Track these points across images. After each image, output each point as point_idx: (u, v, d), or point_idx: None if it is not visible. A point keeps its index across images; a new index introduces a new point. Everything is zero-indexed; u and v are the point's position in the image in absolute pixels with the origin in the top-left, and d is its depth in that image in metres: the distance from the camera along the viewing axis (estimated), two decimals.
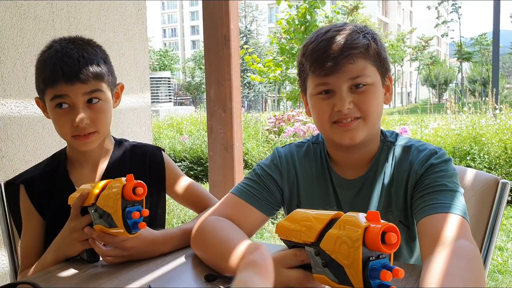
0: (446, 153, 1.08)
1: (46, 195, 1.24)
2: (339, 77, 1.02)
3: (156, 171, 1.34)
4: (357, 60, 1.02)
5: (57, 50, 1.17)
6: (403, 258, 1.13)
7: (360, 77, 1.02)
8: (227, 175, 2.59)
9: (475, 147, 5.28)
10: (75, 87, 1.14)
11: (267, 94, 32.08)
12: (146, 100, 2.85)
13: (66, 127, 1.17)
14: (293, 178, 1.16)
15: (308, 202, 1.16)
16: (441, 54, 66.40)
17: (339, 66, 1.01)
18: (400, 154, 1.10)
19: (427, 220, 0.93)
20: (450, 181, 0.99)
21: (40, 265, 1.11)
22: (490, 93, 7.14)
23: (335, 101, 1.03)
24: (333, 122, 1.05)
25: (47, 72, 1.15)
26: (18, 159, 2.08)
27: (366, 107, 1.04)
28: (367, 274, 0.58)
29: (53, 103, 1.16)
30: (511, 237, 3.84)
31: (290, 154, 1.19)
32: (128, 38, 2.68)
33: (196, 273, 0.98)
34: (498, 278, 2.99)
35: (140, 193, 0.94)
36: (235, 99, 2.57)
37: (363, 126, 1.04)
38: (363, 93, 1.03)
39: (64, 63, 1.14)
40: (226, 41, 2.51)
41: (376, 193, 1.10)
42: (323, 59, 1.02)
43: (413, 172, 1.05)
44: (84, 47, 1.20)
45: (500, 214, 1.20)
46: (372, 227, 0.58)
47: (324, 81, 1.04)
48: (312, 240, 0.67)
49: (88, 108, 1.17)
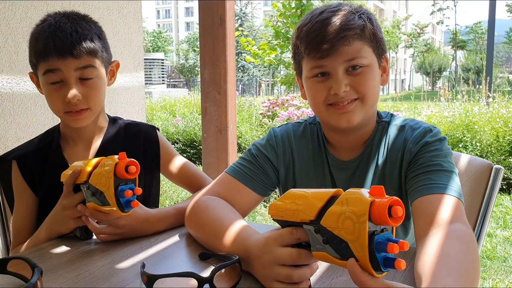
0: (440, 131, 1.07)
1: (39, 172, 1.23)
2: (335, 59, 1.00)
3: (151, 150, 1.33)
4: (353, 41, 1.00)
5: (51, 23, 1.15)
6: (398, 236, 1.14)
7: (356, 58, 1.01)
8: (220, 157, 2.58)
9: (468, 135, 5.32)
10: (67, 62, 1.12)
11: (261, 78, 31.98)
12: (140, 80, 2.82)
13: (58, 103, 1.15)
14: (289, 158, 1.16)
15: (304, 182, 1.15)
16: (436, 41, 66.37)
17: (334, 48, 0.99)
18: (394, 133, 1.10)
19: (422, 200, 0.93)
20: (445, 161, 0.98)
21: (33, 241, 1.10)
22: (483, 82, 7.18)
23: (331, 84, 1.02)
24: (329, 104, 1.04)
25: (40, 45, 1.13)
26: (10, 136, 2.06)
27: (363, 89, 1.02)
28: (373, 248, 0.59)
29: (46, 78, 1.14)
30: (500, 224, 3.89)
31: (287, 134, 1.18)
32: (122, 16, 2.64)
33: (190, 252, 0.98)
34: (486, 263, 3.03)
35: (133, 171, 0.93)
36: (230, 81, 2.55)
37: (360, 107, 1.04)
38: (360, 74, 1.02)
39: (56, 36, 1.12)
40: (221, 22, 2.48)
41: (370, 174, 1.10)
42: (318, 41, 1.00)
43: (408, 150, 1.05)
44: (79, 22, 1.18)
45: (492, 200, 1.21)
46: (377, 201, 0.59)
47: (319, 64, 1.02)
48: (312, 218, 0.67)
49: (81, 84, 1.15)
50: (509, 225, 3.86)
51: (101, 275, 0.85)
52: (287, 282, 0.72)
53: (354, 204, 0.61)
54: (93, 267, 0.89)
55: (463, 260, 0.74)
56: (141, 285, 0.80)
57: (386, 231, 0.61)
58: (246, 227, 0.90)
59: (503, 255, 3.18)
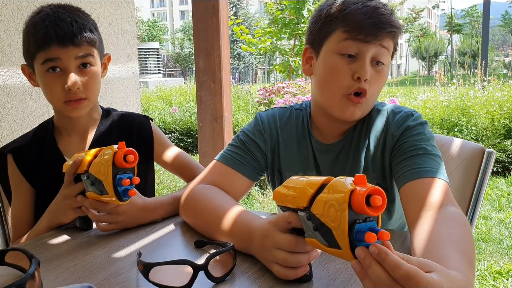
0: (422, 115, 1.08)
1: (35, 164, 1.24)
2: (370, 48, 1.01)
3: (144, 141, 1.34)
4: (390, 40, 1.03)
5: (49, 14, 1.15)
6: (382, 221, 1.15)
7: (384, 55, 1.03)
8: (216, 146, 2.59)
9: (463, 119, 5.33)
10: (68, 50, 1.13)
11: (257, 66, 31.83)
12: (134, 70, 2.82)
13: (58, 92, 1.16)
14: (274, 142, 1.17)
15: (288, 166, 1.17)
16: (432, 26, 66.06)
17: (378, 37, 1.00)
18: (376, 117, 1.11)
19: (411, 185, 0.93)
20: (429, 144, 0.99)
21: (34, 232, 1.11)
22: (479, 65, 7.17)
23: (356, 68, 1.01)
24: (349, 94, 1.03)
25: (39, 34, 1.13)
26: (5, 129, 2.06)
27: (376, 86, 1.05)
28: (353, 237, 0.59)
29: (45, 67, 1.15)
30: (495, 206, 3.92)
31: (273, 118, 1.19)
32: (114, 6, 2.62)
33: (186, 240, 0.99)
34: (481, 246, 3.07)
35: (131, 160, 0.94)
36: (224, 69, 2.55)
37: (365, 105, 1.05)
38: (379, 72, 1.04)
39: (57, 26, 1.13)
40: (214, 10, 2.47)
41: (352, 157, 1.11)
42: (369, 24, 1.00)
43: (390, 134, 1.06)
44: (76, 13, 1.20)
45: (485, 183, 1.23)
46: (357, 190, 0.59)
47: (354, 45, 1.01)
48: (304, 205, 0.68)
49: (80, 73, 1.17)
50: (504, 207, 3.89)
51: (98, 264, 0.86)
52: (284, 266, 0.74)
53: (337, 192, 0.62)
54: (90, 256, 0.90)
55: (465, 241, 0.75)
56: (137, 273, 0.81)
57: (370, 221, 0.60)
58: (246, 212, 0.93)
59: (498, 237, 3.21)
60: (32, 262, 0.70)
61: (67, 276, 0.81)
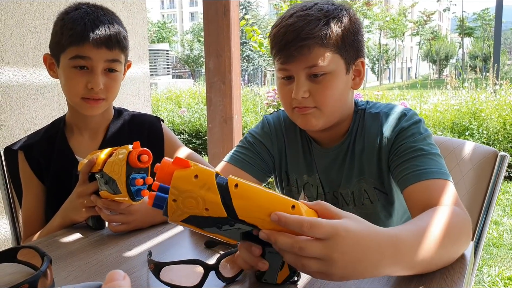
0: (415, 113, 1.07)
1: (45, 161, 1.25)
2: (296, 65, 1.01)
3: (155, 141, 1.34)
4: (313, 49, 0.99)
5: (88, 12, 1.17)
6: (381, 222, 1.14)
7: (316, 66, 1.00)
8: (226, 147, 2.59)
9: (474, 123, 5.29)
10: (101, 52, 1.15)
11: (266, 68, 31.84)
12: (145, 71, 2.83)
13: (79, 88, 1.17)
14: (281, 144, 1.18)
15: (294, 169, 1.18)
16: (443, 29, 65.67)
17: (293, 56, 1.00)
18: (369, 121, 1.09)
19: (412, 188, 0.92)
20: (425, 144, 0.98)
21: (47, 229, 1.12)
22: (491, 69, 7.11)
23: (293, 88, 1.02)
24: (293, 108, 1.05)
25: (77, 30, 1.14)
26: (17, 127, 2.08)
27: (321, 98, 1.02)
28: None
29: (73, 62, 1.16)
30: (507, 211, 3.88)
31: (278, 120, 1.20)
32: (126, 7, 2.64)
33: (196, 240, 0.99)
34: (493, 251, 3.03)
35: (145, 160, 0.94)
36: (234, 71, 2.55)
37: (319, 114, 1.04)
38: (320, 83, 1.02)
39: (96, 26, 1.15)
40: (225, 11, 2.48)
41: (349, 161, 1.11)
42: (281, 46, 1.01)
43: (384, 138, 1.05)
44: (113, 17, 1.22)
45: (497, 187, 1.21)
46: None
47: (283, 67, 1.03)
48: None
49: (105, 75, 1.19)
50: None
51: (109, 263, 0.86)
52: None
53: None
54: (101, 255, 0.90)
55: (445, 222, 0.76)
56: (148, 272, 0.81)
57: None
58: None
59: (510, 243, 3.18)
60: (44, 260, 0.70)
61: (78, 274, 0.82)
